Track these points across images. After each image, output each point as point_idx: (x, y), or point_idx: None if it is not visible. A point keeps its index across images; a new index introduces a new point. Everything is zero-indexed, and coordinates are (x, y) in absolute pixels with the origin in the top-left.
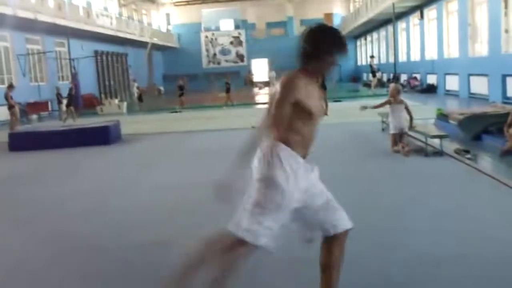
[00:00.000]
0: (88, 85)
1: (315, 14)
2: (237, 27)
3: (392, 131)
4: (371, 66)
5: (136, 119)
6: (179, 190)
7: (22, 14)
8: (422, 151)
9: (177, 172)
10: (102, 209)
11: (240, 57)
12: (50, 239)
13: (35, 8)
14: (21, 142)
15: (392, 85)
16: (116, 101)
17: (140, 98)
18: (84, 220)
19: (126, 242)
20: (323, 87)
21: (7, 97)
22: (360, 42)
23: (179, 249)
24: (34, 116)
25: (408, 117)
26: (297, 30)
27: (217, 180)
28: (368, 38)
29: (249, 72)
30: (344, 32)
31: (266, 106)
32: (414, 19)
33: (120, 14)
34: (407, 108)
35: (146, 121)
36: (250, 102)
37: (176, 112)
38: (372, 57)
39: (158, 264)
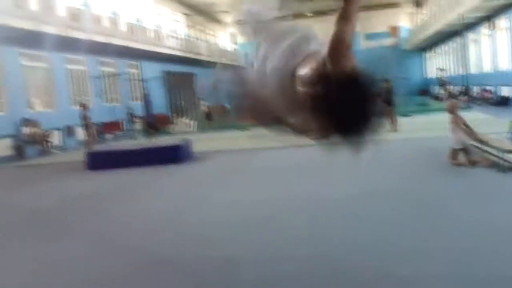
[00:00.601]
0: (159, 105)
1: (380, 27)
2: None
3: (454, 146)
4: (440, 79)
5: (206, 137)
6: (250, 207)
7: (97, 38)
8: (495, 166)
9: (247, 189)
10: (175, 225)
11: None
12: (127, 253)
13: (108, 32)
14: (98, 161)
15: (452, 100)
16: (186, 119)
17: (208, 117)
18: (158, 236)
19: (198, 257)
20: (389, 102)
21: (84, 117)
22: (429, 55)
23: (249, 265)
24: (109, 136)
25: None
26: (362, 44)
27: None
28: (437, 50)
29: None
30: (411, 45)
31: None
32: (484, 29)
33: (188, 35)
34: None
35: (216, 139)
36: None
37: (246, 129)
38: (441, 69)
39: (230, 279)
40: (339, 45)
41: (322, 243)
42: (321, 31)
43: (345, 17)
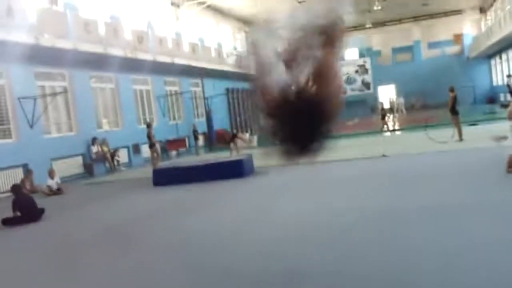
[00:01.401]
0: (221, 121)
1: (444, 35)
2: (361, 55)
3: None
4: (508, 86)
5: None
6: (312, 220)
7: (161, 58)
8: None
9: (310, 202)
10: (238, 239)
11: (366, 85)
12: (193, 267)
13: (172, 53)
14: (163, 178)
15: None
16: (247, 135)
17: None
18: (223, 249)
19: (263, 271)
20: (454, 111)
21: (150, 136)
22: (495, 61)
23: (313, 279)
24: (173, 152)
25: None
26: (425, 53)
27: None
28: (504, 56)
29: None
30: (476, 52)
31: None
32: None
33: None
34: None
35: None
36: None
37: None
38: (509, 76)
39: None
40: (323, 69)
41: (388, 257)
42: (381, 42)
43: (329, 45)
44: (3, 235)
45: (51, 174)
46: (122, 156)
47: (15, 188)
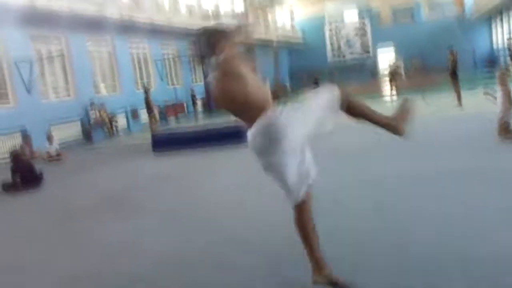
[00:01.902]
0: None
1: None
2: (361, 16)
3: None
4: (509, 49)
5: None
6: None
7: (158, 21)
8: None
9: None
10: (239, 206)
11: (365, 47)
12: (195, 231)
13: (168, 15)
14: (162, 143)
15: (501, 71)
16: None
17: (274, 96)
18: (225, 214)
19: (270, 237)
20: (454, 75)
21: (147, 101)
22: (495, 23)
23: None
24: (172, 118)
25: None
26: (426, 15)
27: None
28: (505, 18)
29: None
30: (477, 14)
31: None
32: None
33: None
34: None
35: None
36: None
37: None
38: (510, 39)
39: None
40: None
41: (391, 222)
42: (380, 2)
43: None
44: (3, 200)
45: (50, 139)
46: (121, 121)
47: (14, 154)
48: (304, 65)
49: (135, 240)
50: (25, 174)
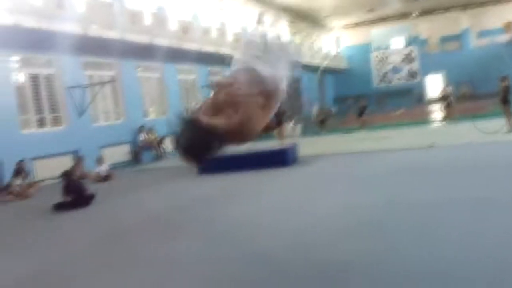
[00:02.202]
0: None
1: (493, 24)
2: (408, 44)
3: None
4: None
5: (311, 141)
6: (356, 212)
7: (206, 48)
8: None
9: (353, 193)
10: (281, 228)
11: (413, 74)
12: (238, 254)
13: (216, 42)
14: (208, 166)
15: None
16: (291, 124)
17: (322, 121)
18: (267, 238)
19: (305, 261)
20: (506, 101)
21: None
22: None
23: (357, 270)
24: None
25: None
26: (474, 42)
27: None
28: None
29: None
30: None
31: None
32: None
33: (292, 41)
34: None
35: (321, 143)
36: (425, 120)
37: (350, 133)
38: None
39: (338, 285)
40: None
41: (431, 248)
42: (428, 30)
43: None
44: (54, 219)
45: (100, 161)
46: (168, 144)
47: (66, 174)
48: (350, 91)
49: (181, 259)
50: (77, 193)
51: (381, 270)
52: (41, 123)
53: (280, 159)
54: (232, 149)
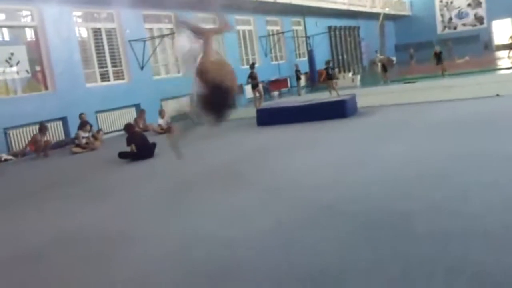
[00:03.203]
0: (323, 61)
1: None
2: None
3: None
4: None
5: (370, 91)
6: (419, 162)
7: None
8: None
9: (414, 144)
10: (341, 180)
11: (479, 19)
12: (297, 203)
13: None
14: (267, 118)
15: None
16: (350, 74)
17: (384, 69)
18: (326, 188)
19: (367, 210)
20: None
21: (253, 76)
22: None
23: (419, 220)
24: (275, 93)
25: None
26: None
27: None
28: None
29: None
30: None
31: None
32: None
33: None
34: None
35: (380, 93)
36: (492, 68)
37: (410, 82)
38: None
39: (401, 233)
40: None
41: (496, 199)
42: None
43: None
44: (121, 170)
45: (161, 114)
46: None
47: (129, 126)
48: (411, 38)
49: (244, 209)
50: (140, 145)
51: (444, 221)
52: (104, 77)
53: (339, 110)
54: (291, 100)
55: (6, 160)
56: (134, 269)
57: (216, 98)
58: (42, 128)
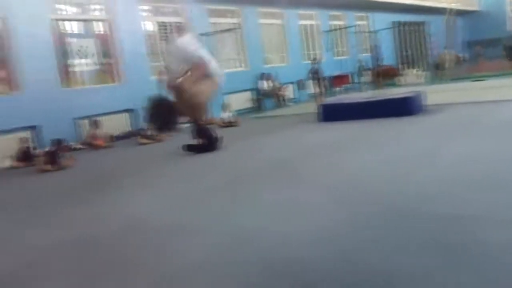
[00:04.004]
0: (387, 56)
1: None
2: None
3: None
4: None
5: (437, 88)
6: (485, 164)
7: None
8: None
9: (482, 145)
10: (405, 180)
11: None
12: (354, 205)
13: None
14: (329, 113)
15: None
16: (415, 71)
17: (441, 67)
18: (388, 188)
19: (425, 213)
20: None
21: (316, 71)
22: None
23: (482, 226)
24: (338, 88)
25: None
26: None
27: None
28: None
29: None
30: None
31: None
32: None
33: None
34: None
35: (448, 91)
36: None
37: (479, 80)
38: None
39: (461, 238)
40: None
41: None
42: None
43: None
44: (186, 161)
45: (224, 108)
46: (288, 91)
47: (195, 119)
48: (480, 35)
49: (301, 204)
50: (205, 138)
51: (506, 227)
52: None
53: (404, 107)
54: (355, 96)
55: (75, 149)
56: (185, 259)
57: (166, 112)
58: (95, 123)
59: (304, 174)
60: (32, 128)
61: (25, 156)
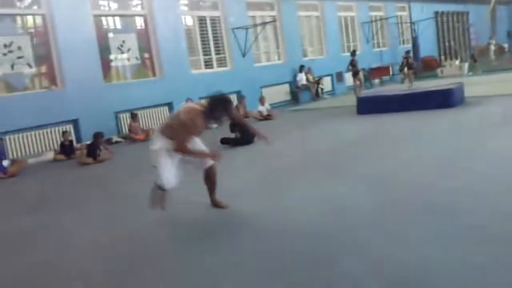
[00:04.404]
0: (428, 47)
1: None
2: None
3: None
4: None
5: (479, 80)
6: None
7: None
8: None
9: None
10: (446, 175)
11: None
12: (393, 199)
13: None
14: (367, 106)
15: None
16: (457, 62)
17: (474, 59)
18: (427, 184)
19: (474, 212)
20: None
21: (354, 64)
22: None
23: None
24: (376, 81)
25: None
26: None
27: None
28: None
29: None
30: None
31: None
32: None
33: None
34: None
35: (490, 82)
36: None
37: None
38: None
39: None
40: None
41: None
42: None
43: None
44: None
45: (261, 101)
46: (326, 84)
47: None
48: None
49: (337, 198)
50: (241, 131)
51: None
52: (208, 64)
53: (445, 99)
54: (394, 89)
55: (116, 142)
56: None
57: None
58: (134, 116)
59: (343, 167)
60: (74, 121)
61: (66, 149)
